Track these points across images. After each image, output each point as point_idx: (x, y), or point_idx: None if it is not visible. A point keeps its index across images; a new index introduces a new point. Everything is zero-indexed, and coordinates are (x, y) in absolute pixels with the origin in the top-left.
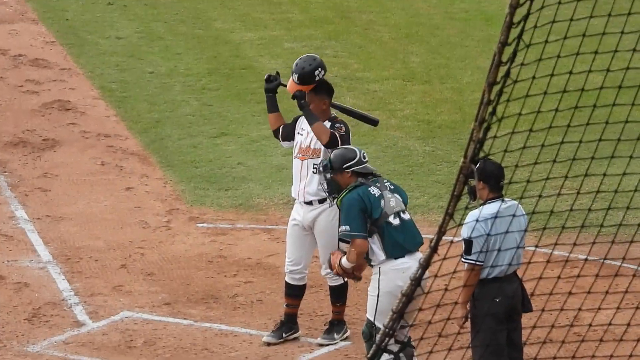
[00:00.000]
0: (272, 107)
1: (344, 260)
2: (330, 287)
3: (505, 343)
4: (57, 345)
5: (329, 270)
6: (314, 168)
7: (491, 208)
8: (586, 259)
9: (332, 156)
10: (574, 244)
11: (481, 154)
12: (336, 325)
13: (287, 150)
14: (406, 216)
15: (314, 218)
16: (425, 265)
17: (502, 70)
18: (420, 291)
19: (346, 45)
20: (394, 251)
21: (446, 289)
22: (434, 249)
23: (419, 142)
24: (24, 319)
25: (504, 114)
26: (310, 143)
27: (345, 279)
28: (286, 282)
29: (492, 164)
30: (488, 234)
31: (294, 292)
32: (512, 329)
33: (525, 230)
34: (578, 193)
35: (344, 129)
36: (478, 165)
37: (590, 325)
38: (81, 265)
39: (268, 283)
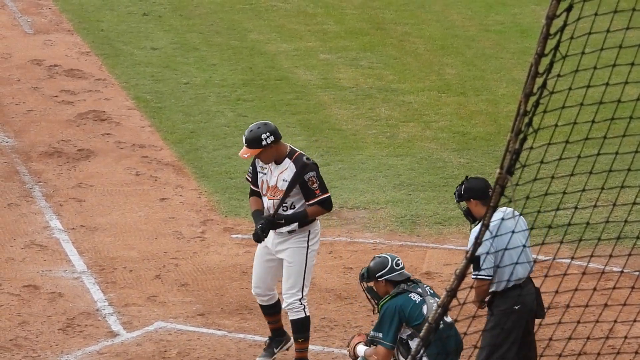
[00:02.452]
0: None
1: (360, 348)
2: (291, 320)
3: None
4: (91, 355)
5: (289, 302)
6: (283, 207)
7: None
8: (622, 272)
9: (368, 266)
10: (610, 256)
11: (517, 165)
12: None
13: (322, 161)
14: (448, 319)
15: (282, 247)
16: (460, 276)
17: (539, 81)
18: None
19: (381, 57)
20: (438, 357)
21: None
22: (470, 260)
23: (454, 154)
24: (58, 329)
25: (540, 125)
26: (276, 182)
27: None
28: (258, 304)
29: (474, 180)
30: (493, 238)
31: (268, 311)
32: (527, 333)
33: (529, 232)
34: (614, 205)
35: (315, 178)
36: (463, 186)
37: (625, 337)
38: (115, 276)
39: None
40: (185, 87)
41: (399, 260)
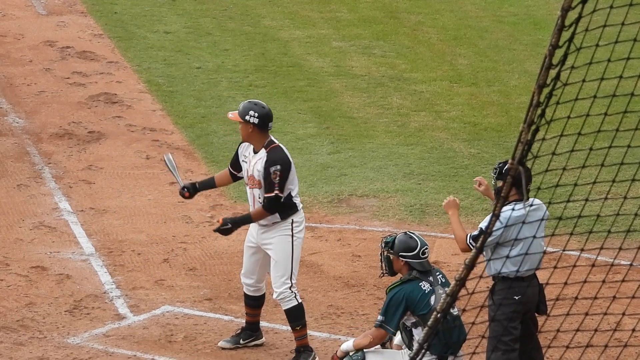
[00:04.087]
0: (207, 185)
1: (346, 344)
2: (285, 311)
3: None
4: (97, 337)
5: (280, 291)
6: (259, 197)
7: (508, 207)
8: (631, 265)
9: (397, 237)
10: (620, 249)
11: (529, 156)
12: (302, 352)
13: (333, 149)
14: (455, 311)
15: (267, 238)
16: (470, 265)
17: (552, 73)
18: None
19: (394, 46)
20: (439, 348)
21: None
22: (479, 250)
23: (465, 144)
24: (65, 311)
25: (553, 117)
26: (253, 172)
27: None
28: (244, 292)
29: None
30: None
31: (251, 302)
32: (527, 327)
33: (543, 219)
34: (625, 198)
35: (279, 171)
36: (506, 166)
37: (633, 330)
38: (123, 259)
39: (310, 281)
40: (198, 72)
41: (426, 249)
